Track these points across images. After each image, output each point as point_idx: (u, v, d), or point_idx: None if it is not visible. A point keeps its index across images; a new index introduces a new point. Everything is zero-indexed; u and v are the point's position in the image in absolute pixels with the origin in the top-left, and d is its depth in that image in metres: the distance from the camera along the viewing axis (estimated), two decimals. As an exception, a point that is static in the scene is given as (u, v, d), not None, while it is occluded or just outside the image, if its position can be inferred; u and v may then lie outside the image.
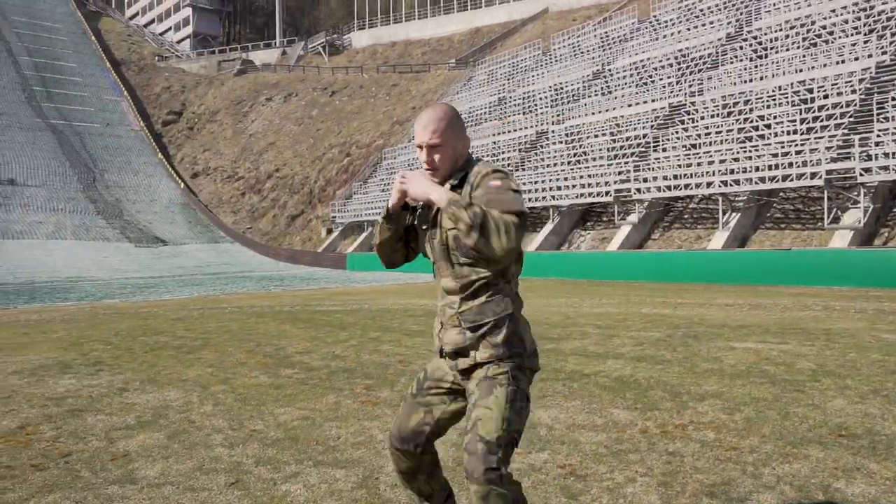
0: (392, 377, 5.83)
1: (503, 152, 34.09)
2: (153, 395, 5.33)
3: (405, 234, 2.29)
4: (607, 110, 31.22)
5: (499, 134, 35.98)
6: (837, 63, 24.30)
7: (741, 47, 30.13)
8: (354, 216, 38.08)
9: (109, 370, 6.56)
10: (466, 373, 2.14)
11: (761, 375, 5.49)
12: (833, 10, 28.27)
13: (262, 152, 51.60)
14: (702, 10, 36.34)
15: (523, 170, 31.31)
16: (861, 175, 18.79)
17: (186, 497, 3.09)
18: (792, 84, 24.57)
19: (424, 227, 2.21)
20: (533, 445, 3.72)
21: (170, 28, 74.34)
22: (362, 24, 62.73)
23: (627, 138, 28.26)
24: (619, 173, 25.63)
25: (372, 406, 4.77)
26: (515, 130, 35.34)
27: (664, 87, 30.32)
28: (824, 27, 27.58)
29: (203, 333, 9.35)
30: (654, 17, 39.45)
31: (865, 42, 24.59)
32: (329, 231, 40.94)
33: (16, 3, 64.50)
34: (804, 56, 26.05)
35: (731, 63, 29.49)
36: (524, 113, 36.84)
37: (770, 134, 23.11)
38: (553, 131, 32.84)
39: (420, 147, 2.15)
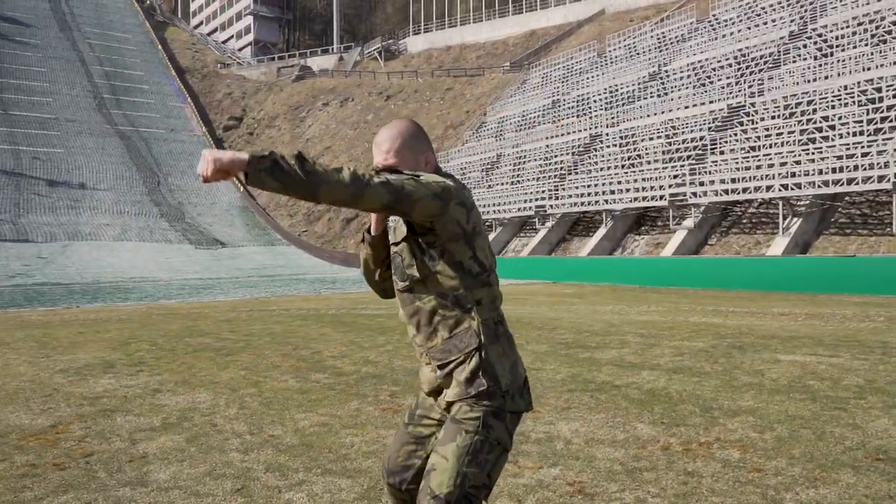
0: (419, 384, 5.79)
1: (556, 155, 33.76)
2: (183, 397, 5.43)
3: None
4: (663, 112, 30.55)
5: (552, 137, 35.64)
6: (909, 61, 23.16)
7: (804, 46, 29.03)
8: (407, 220, 38.30)
9: (149, 371, 6.74)
10: (448, 409, 1.96)
11: (803, 391, 5.23)
12: (905, 6, 26.97)
13: (319, 156, 52.47)
14: (763, 9, 35.20)
15: (576, 173, 30.93)
16: (933, 178, 17.83)
17: (191, 502, 3.11)
18: (858, 83, 23.51)
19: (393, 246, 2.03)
20: (546, 460, 3.62)
21: (232, 36, 76.53)
22: (418, 28, 63.19)
23: (684, 141, 27.58)
24: (675, 177, 25.02)
25: (392, 414, 4.74)
26: (569, 133, 34.94)
27: (723, 87, 29.48)
28: (894, 23, 26.32)
29: (246, 336, 9.52)
30: (714, 15, 38.43)
31: (940, 38, 23.36)
32: (382, 234, 41.32)
33: (89, 15, 67.49)
34: (872, 54, 24.91)
35: (794, 62, 28.44)
36: (578, 115, 36.40)
37: (834, 135, 22.17)
38: (607, 134, 32.33)
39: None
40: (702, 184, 23.65)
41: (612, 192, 26.72)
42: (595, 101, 36.57)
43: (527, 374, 2.01)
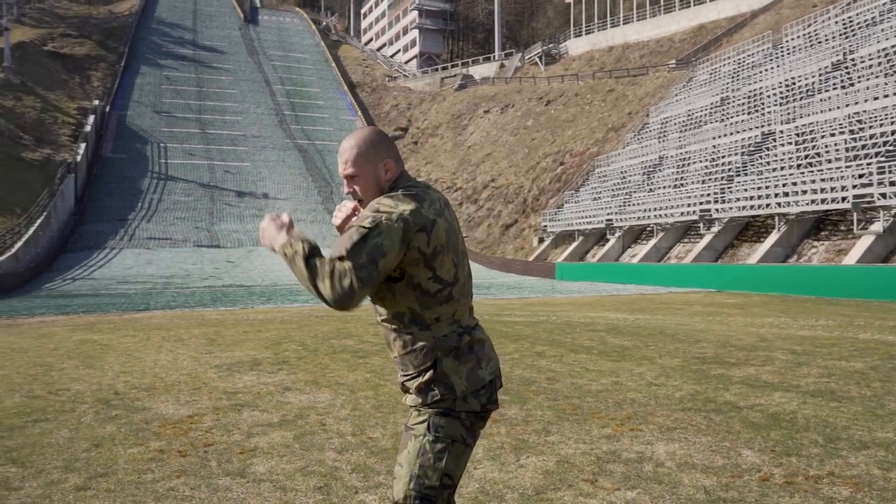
0: (529, 394, 5.78)
1: (724, 156, 31.77)
2: (307, 396, 5.83)
3: None
4: (847, 105, 27.69)
5: (720, 137, 33.59)
6: None
7: None
8: (566, 225, 37.88)
9: (287, 370, 7.29)
10: None
11: (962, 424, 4.57)
12: None
13: (479, 163, 53.39)
14: (977, -19, 30.77)
15: (745, 175, 28.91)
16: None
17: (275, 496, 3.38)
18: None
19: None
20: (626, 482, 3.50)
21: (399, 50, 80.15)
22: (579, 31, 62.29)
23: (871, 136, 24.82)
24: (860, 176, 22.59)
25: (491, 423, 4.77)
26: (738, 132, 32.74)
27: (922, 74, 26.16)
28: None
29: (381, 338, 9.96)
30: (914, -6, 34.19)
31: None
32: (540, 240, 41.16)
33: (273, 39, 73.85)
34: None
35: None
36: (749, 113, 33.99)
37: None
38: (781, 132, 29.89)
39: (344, 178, 2.07)
40: (892, 184, 21.16)
41: (787, 195, 24.66)
42: (769, 97, 33.95)
43: (498, 373, 2.04)
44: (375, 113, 64.60)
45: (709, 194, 28.56)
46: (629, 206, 33.38)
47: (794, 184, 24.82)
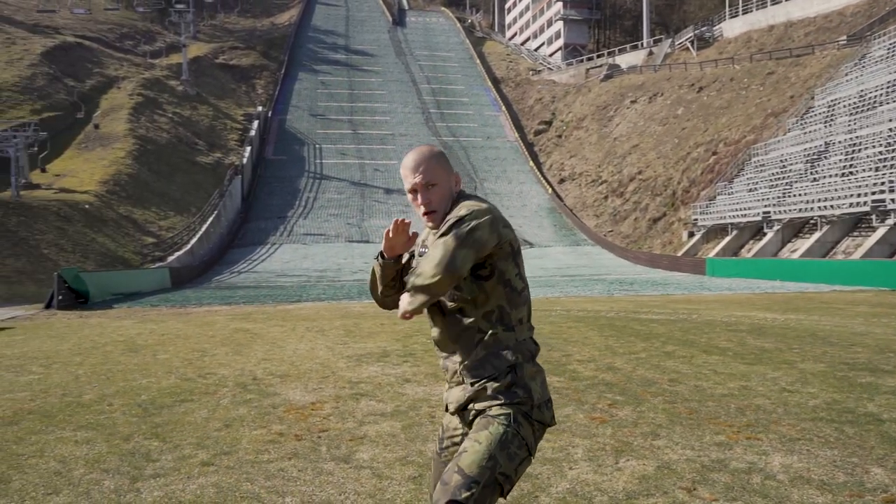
0: (646, 396, 5.59)
1: (902, 140, 28.58)
2: (423, 389, 6.02)
3: (400, 279, 2.16)
4: None
5: (898, 119, 30.24)
6: None
7: None
8: (718, 218, 35.85)
9: (412, 362, 7.55)
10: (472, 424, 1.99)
11: None
12: None
13: (626, 155, 51.78)
14: None
15: (928, 160, 25.84)
16: None
17: (372, 482, 3.55)
18: None
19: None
20: (728, 493, 3.31)
21: (543, 43, 79.36)
22: (735, 11, 58.44)
23: None
24: None
25: (599, 424, 4.69)
26: (921, 113, 29.30)
27: None
28: None
29: (513, 334, 10.00)
30: None
31: None
32: (690, 234, 39.24)
33: (419, 40, 75.86)
34: None
35: None
36: (935, 90, 30.31)
37: None
38: (975, 110, 26.40)
39: (413, 191, 2.07)
40: None
41: (978, 182, 21.77)
42: (960, 71, 30.07)
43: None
44: (519, 107, 64.56)
45: (883, 183, 25.86)
46: (789, 197, 30.99)
47: None
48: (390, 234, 2.07)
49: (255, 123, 53.22)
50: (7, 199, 29.49)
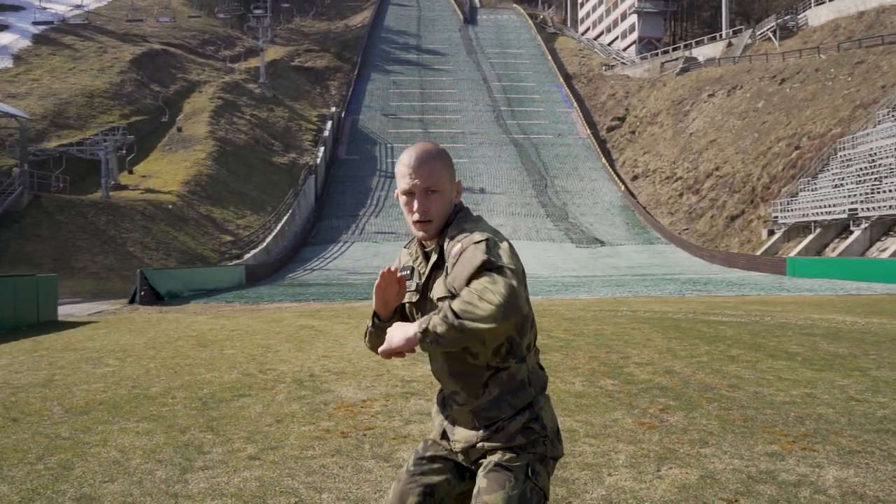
0: (701, 401, 5.42)
1: None
2: (474, 389, 6.02)
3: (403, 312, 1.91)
4: None
5: None
6: None
7: None
8: (801, 216, 34.30)
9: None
10: (476, 462, 1.83)
11: None
12: None
13: (702, 151, 50.18)
14: None
15: None
16: None
17: (407, 482, 3.59)
18: None
19: (413, 301, 1.85)
20: (771, 505, 3.18)
21: (617, 37, 77.80)
22: (821, -2, 55.71)
23: None
24: None
25: (647, 429, 4.59)
26: None
27: None
28: None
29: (574, 335, 9.89)
30: None
31: None
32: (770, 232, 37.66)
33: (490, 37, 75.73)
34: None
35: None
36: None
37: None
38: None
39: (409, 193, 1.79)
40: None
41: None
42: None
43: None
44: (591, 104, 63.55)
45: (984, 177, 24.14)
46: (879, 193, 29.35)
47: None
48: (382, 288, 1.80)
49: (329, 124, 54.41)
50: (97, 200, 31.25)
